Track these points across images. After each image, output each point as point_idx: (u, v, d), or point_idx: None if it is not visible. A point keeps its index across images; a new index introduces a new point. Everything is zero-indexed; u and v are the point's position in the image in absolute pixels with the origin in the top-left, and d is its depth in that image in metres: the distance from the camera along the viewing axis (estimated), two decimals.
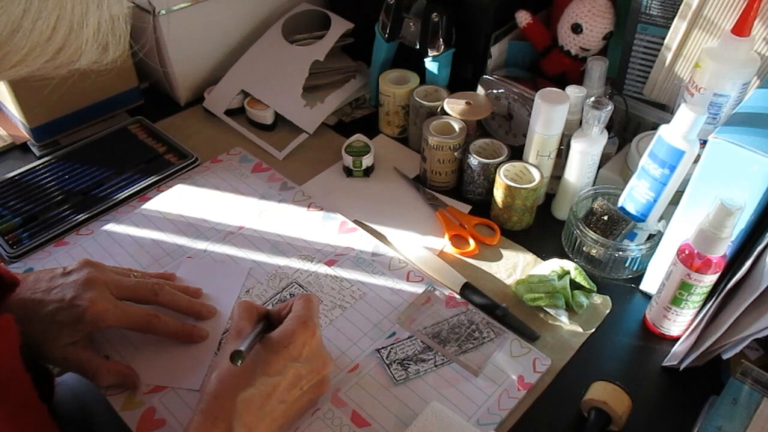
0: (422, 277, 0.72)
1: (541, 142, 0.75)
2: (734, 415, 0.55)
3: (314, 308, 0.58)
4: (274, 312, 0.60)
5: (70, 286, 0.58)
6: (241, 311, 0.58)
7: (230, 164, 0.87)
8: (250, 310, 0.58)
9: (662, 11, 0.76)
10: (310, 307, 0.58)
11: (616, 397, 0.58)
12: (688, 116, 0.61)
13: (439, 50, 0.86)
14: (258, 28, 1.00)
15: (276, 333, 0.55)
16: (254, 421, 0.52)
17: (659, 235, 0.69)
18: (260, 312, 0.59)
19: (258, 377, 0.52)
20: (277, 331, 0.56)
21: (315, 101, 0.93)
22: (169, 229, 0.78)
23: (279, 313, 0.59)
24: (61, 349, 0.58)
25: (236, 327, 0.56)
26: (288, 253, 0.75)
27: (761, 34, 0.69)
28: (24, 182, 0.83)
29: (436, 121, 0.83)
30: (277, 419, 0.54)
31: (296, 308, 0.58)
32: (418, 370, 0.63)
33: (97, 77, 0.89)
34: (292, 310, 0.58)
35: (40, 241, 0.75)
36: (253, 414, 0.52)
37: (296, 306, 0.58)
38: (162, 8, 0.88)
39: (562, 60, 0.86)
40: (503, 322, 0.67)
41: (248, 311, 0.58)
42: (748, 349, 0.63)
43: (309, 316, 0.57)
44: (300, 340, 0.55)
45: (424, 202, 0.83)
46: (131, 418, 0.59)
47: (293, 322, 0.56)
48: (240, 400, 0.51)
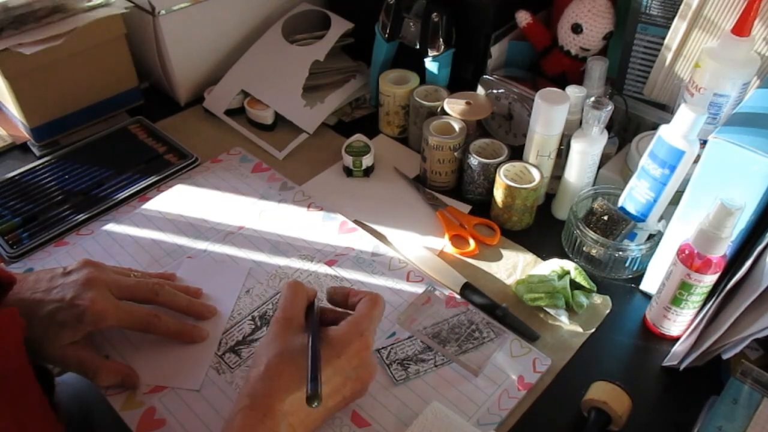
0: (422, 277, 0.72)
1: (541, 142, 0.75)
2: (734, 415, 0.55)
3: (376, 316, 0.56)
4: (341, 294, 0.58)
5: (70, 286, 0.58)
6: (291, 295, 0.55)
7: (230, 164, 0.87)
8: (300, 294, 0.56)
9: (662, 11, 0.76)
10: (372, 315, 0.55)
11: (616, 397, 0.58)
12: (688, 116, 0.61)
13: (439, 50, 0.86)
14: (258, 28, 1.00)
15: (332, 337, 0.53)
16: (297, 423, 0.51)
17: (659, 235, 0.69)
18: (310, 296, 0.57)
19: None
20: (333, 335, 0.53)
21: (315, 101, 0.93)
22: (169, 229, 0.78)
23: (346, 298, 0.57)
24: (61, 349, 0.58)
25: (286, 314, 0.54)
26: (288, 253, 0.75)
27: (761, 34, 0.69)
28: (24, 182, 0.83)
29: (436, 121, 0.83)
30: (315, 420, 0.54)
31: (358, 311, 0.55)
32: (418, 370, 0.63)
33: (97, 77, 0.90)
34: (356, 311, 0.56)
35: (40, 241, 0.75)
36: (297, 416, 0.51)
37: (359, 308, 0.56)
38: (162, 8, 0.88)
39: (562, 60, 0.86)
40: (503, 322, 0.67)
41: (299, 295, 0.55)
42: (748, 349, 0.63)
43: (367, 327, 0.54)
44: (353, 350, 0.53)
45: (424, 202, 0.83)
46: (131, 418, 0.59)
47: (349, 330, 0.54)
48: (288, 401, 0.50)
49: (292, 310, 0.55)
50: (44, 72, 0.84)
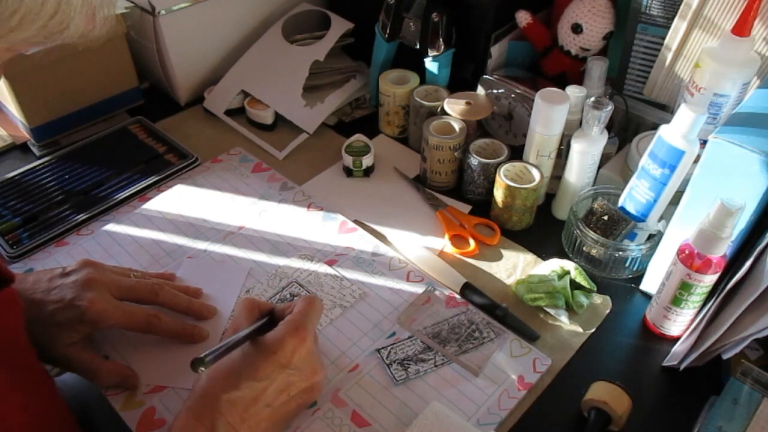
0: (422, 277, 0.72)
1: (541, 142, 0.75)
2: (734, 415, 0.55)
3: (312, 314, 0.57)
4: (278, 310, 0.59)
5: (69, 287, 0.58)
6: (242, 309, 0.57)
7: (230, 164, 0.87)
8: (251, 308, 0.58)
9: (662, 11, 0.76)
10: (307, 313, 0.57)
11: (616, 397, 0.58)
12: (688, 116, 0.61)
13: (439, 50, 0.86)
14: (258, 28, 1.00)
15: (268, 337, 0.55)
16: (238, 422, 0.51)
17: (659, 235, 0.69)
18: (263, 309, 0.59)
19: (244, 380, 0.52)
20: (269, 335, 0.55)
21: (315, 101, 0.93)
22: (169, 229, 0.78)
23: (282, 312, 0.58)
24: (61, 349, 0.58)
25: (234, 324, 0.56)
26: (288, 253, 0.75)
27: (761, 34, 0.69)
28: (24, 182, 0.83)
29: (436, 121, 0.83)
30: (261, 422, 0.54)
31: (294, 312, 0.57)
32: (418, 370, 0.63)
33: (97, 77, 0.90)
34: (292, 313, 0.57)
35: (40, 241, 0.75)
36: (236, 415, 0.52)
37: (295, 309, 0.57)
38: (162, 8, 0.88)
39: (562, 60, 0.86)
40: (503, 322, 0.67)
41: (249, 309, 0.58)
42: (748, 349, 0.63)
43: (302, 323, 0.56)
44: (289, 347, 0.54)
45: (424, 202, 0.83)
46: (131, 418, 0.59)
47: (285, 328, 0.55)
48: (224, 400, 0.51)
49: (238, 320, 0.56)
50: (44, 72, 0.84)
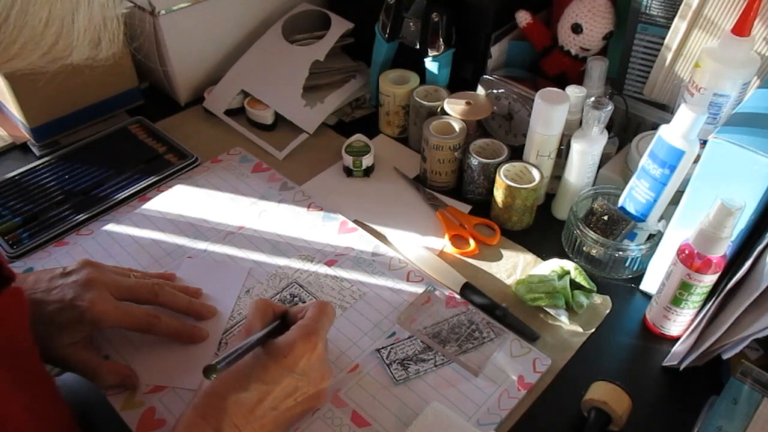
0: (422, 277, 0.72)
1: (541, 142, 0.75)
2: (734, 415, 0.55)
3: (325, 320, 0.57)
4: (292, 313, 0.59)
5: (69, 287, 0.58)
6: (255, 310, 0.57)
7: (230, 164, 0.87)
8: (264, 310, 0.58)
9: (662, 11, 0.76)
10: (319, 319, 0.57)
11: (616, 397, 0.58)
12: (688, 116, 0.61)
13: (439, 50, 0.86)
14: (258, 28, 1.00)
15: (279, 340, 0.55)
16: (243, 423, 0.52)
17: (659, 235, 0.69)
18: (276, 312, 0.59)
19: (252, 382, 0.52)
20: (281, 339, 0.55)
21: (315, 101, 0.93)
22: (169, 229, 0.78)
23: (295, 316, 0.58)
24: (61, 349, 0.58)
25: (247, 325, 0.56)
26: (288, 253, 0.75)
27: (761, 34, 0.69)
28: (24, 182, 0.83)
29: (436, 121, 0.83)
30: (266, 425, 0.54)
31: (306, 317, 0.57)
32: (418, 370, 0.63)
33: (97, 77, 0.90)
34: (304, 318, 0.57)
35: (40, 241, 0.75)
36: (242, 416, 0.52)
37: (307, 314, 0.57)
38: (162, 8, 0.88)
39: (562, 60, 0.86)
40: (503, 322, 0.67)
41: (262, 310, 0.57)
42: (748, 349, 0.63)
43: (314, 329, 0.56)
44: (299, 352, 0.54)
45: (424, 202, 0.83)
46: (131, 418, 0.59)
47: (297, 333, 0.55)
48: (231, 401, 0.51)
49: (252, 321, 0.56)
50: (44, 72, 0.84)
